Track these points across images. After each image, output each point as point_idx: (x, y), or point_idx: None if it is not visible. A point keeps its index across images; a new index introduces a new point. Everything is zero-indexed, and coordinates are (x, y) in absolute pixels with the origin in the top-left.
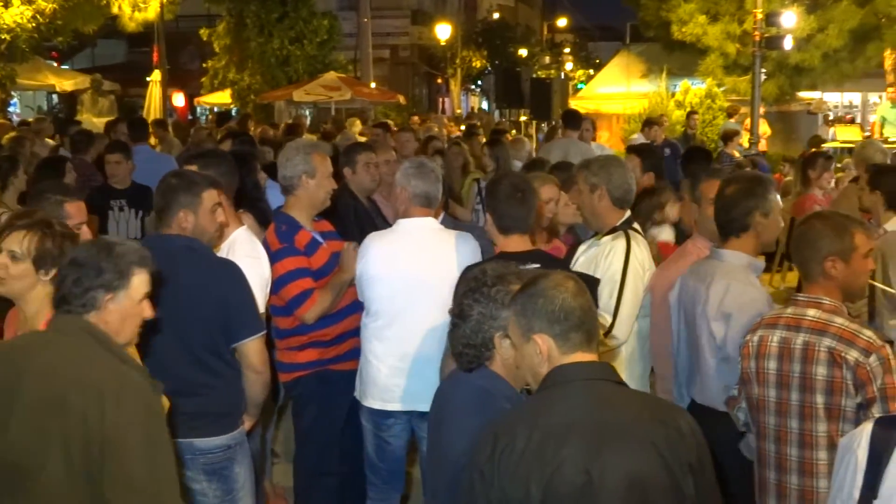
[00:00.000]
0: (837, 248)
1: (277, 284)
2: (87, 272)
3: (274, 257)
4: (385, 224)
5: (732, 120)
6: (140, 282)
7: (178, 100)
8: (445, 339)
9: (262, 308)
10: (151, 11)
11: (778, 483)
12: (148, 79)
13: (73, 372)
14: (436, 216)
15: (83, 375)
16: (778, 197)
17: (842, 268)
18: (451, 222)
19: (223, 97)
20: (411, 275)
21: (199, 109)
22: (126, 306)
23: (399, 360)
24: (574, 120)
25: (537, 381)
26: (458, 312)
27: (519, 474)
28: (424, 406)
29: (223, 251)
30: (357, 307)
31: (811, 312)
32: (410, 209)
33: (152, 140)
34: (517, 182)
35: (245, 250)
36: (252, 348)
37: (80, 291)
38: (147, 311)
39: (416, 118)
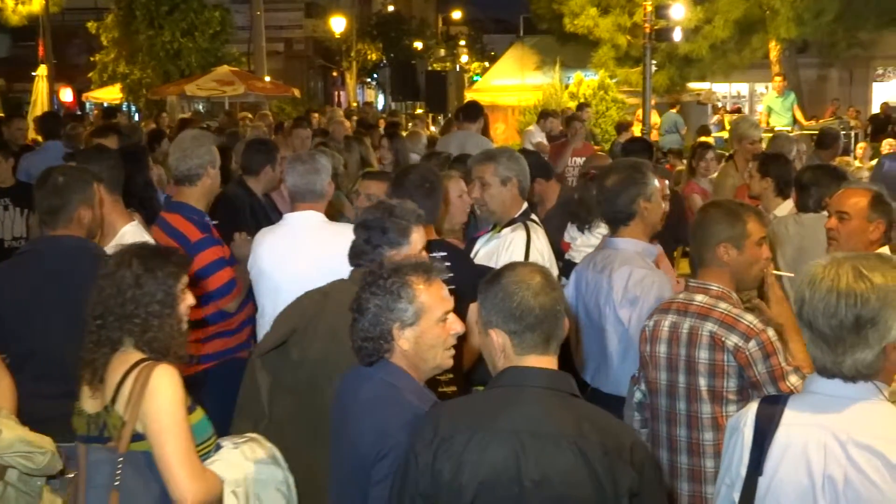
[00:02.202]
0: (729, 235)
1: (199, 275)
2: (375, 232)
3: (195, 248)
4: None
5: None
6: (419, 237)
7: (66, 95)
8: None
9: None
10: (36, 4)
11: (670, 463)
12: (34, 74)
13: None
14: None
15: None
16: (656, 181)
17: (734, 254)
18: None
19: (113, 92)
20: (294, 269)
21: (88, 105)
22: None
23: None
24: (472, 112)
25: (495, 371)
26: (357, 306)
27: (453, 469)
28: None
29: (111, 248)
30: (252, 294)
31: (698, 298)
32: (294, 204)
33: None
34: (425, 174)
35: None
36: None
37: (370, 249)
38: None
39: (316, 114)
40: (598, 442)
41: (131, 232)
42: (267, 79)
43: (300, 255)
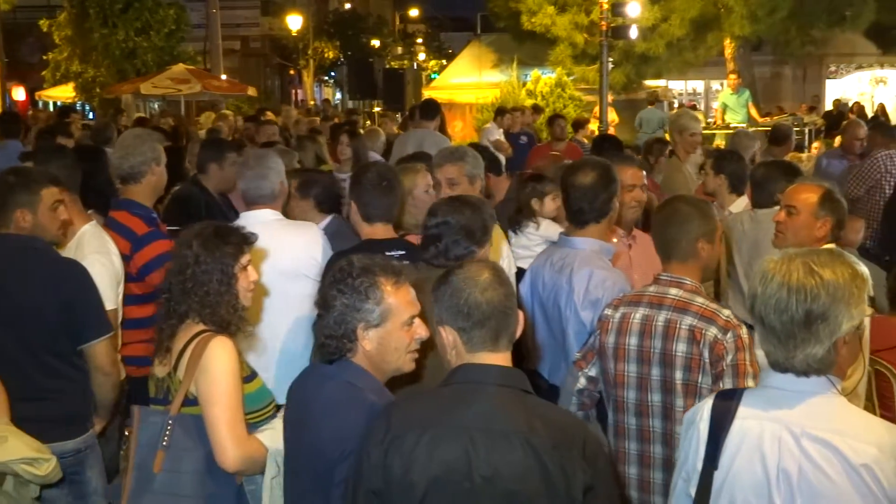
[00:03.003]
0: (705, 230)
1: (146, 269)
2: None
3: (142, 241)
4: (237, 219)
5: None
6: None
7: (19, 94)
8: (292, 330)
9: (115, 304)
10: None
11: (641, 453)
12: None
13: None
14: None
15: None
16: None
17: (708, 249)
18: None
19: (66, 91)
20: None
21: (41, 104)
22: None
23: (246, 355)
24: (430, 110)
25: (449, 368)
26: (323, 303)
27: (404, 466)
28: (280, 399)
29: (70, 249)
30: None
31: (673, 291)
32: (249, 206)
33: None
34: (383, 171)
35: (94, 246)
36: (100, 350)
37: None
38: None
39: (269, 112)
40: (549, 437)
41: (90, 233)
42: (223, 77)
43: (255, 253)
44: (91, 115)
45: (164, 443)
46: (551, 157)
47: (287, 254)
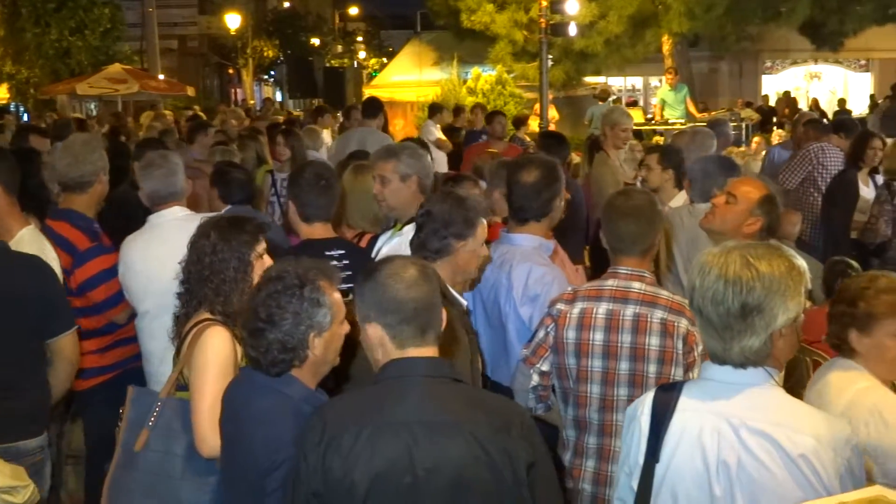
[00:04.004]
0: (662, 225)
1: (87, 286)
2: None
3: (84, 257)
4: None
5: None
6: (483, 230)
7: None
8: None
9: None
10: None
11: (601, 447)
12: None
13: None
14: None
15: None
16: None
17: (660, 242)
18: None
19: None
20: (161, 268)
21: None
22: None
23: (168, 350)
24: (371, 108)
25: (376, 368)
26: (266, 317)
27: (344, 466)
28: None
29: None
30: None
31: (636, 285)
32: (156, 207)
33: None
34: (321, 171)
35: (34, 250)
36: (69, 342)
37: (437, 240)
38: (484, 251)
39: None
40: (487, 422)
41: (28, 238)
42: (161, 77)
43: (173, 250)
44: (25, 117)
45: (151, 423)
46: (487, 155)
47: None
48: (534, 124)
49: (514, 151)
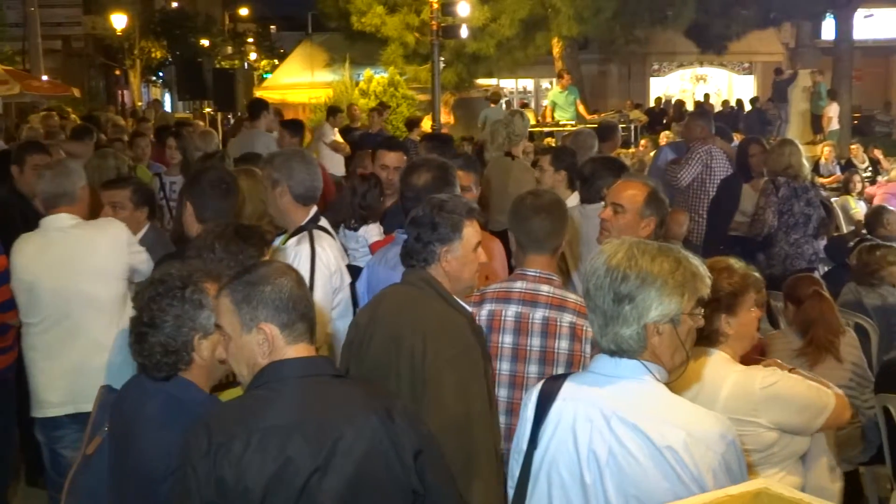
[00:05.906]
0: (568, 225)
1: None
2: (425, 229)
3: None
4: None
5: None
6: (472, 231)
7: None
8: (107, 333)
9: None
10: None
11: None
12: None
13: (408, 315)
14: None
15: (415, 319)
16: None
17: (563, 243)
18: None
19: None
20: (50, 274)
21: None
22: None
23: (57, 364)
24: (255, 110)
25: (253, 373)
26: (149, 321)
27: (236, 474)
28: (88, 406)
29: None
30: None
31: (545, 288)
32: (48, 210)
33: None
34: (222, 174)
35: None
36: None
37: (421, 246)
38: (482, 257)
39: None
40: (372, 414)
41: None
42: (44, 78)
43: (61, 257)
44: None
45: (107, 428)
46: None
47: (98, 254)
48: (427, 127)
49: None
